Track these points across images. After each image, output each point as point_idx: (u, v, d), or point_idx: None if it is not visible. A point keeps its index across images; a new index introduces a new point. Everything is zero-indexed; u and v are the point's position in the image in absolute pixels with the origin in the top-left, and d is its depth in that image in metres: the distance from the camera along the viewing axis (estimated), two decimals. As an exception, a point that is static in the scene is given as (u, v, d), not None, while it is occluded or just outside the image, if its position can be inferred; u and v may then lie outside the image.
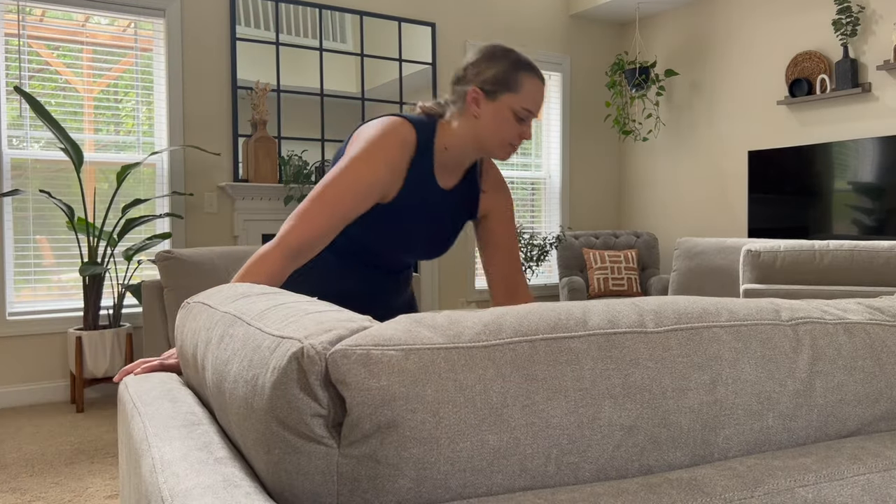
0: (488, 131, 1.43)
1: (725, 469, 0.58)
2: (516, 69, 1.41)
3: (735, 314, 0.67)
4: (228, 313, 0.78)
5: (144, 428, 0.78)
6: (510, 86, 1.40)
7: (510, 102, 1.41)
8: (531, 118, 1.44)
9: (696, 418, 0.60)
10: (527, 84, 1.41)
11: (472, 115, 1.43)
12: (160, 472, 0.63)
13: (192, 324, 0.91)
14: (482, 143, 1.45)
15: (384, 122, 1.44)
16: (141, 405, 0.88)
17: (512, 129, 1.43)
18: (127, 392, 1.00)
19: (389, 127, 1.42)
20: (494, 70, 1.41)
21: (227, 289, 0.95)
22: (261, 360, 0.58)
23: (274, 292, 0.82)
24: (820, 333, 0.69)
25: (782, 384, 0.65)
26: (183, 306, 1.05)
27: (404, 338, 0.54)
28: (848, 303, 0.80)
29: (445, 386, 0.52)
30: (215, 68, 4.23)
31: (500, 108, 1.41)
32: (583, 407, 0.55)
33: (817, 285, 3.18)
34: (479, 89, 1.42)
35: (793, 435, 0.66)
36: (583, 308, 0.62)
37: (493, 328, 0.57)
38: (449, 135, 1.47)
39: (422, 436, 0.51)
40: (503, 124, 1.42)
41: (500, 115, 1.41)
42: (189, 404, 0.85)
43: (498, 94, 1.41)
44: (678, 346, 0.60)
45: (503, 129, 1.42)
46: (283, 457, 0.54)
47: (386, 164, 1.39)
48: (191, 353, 0.89)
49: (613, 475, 0.57)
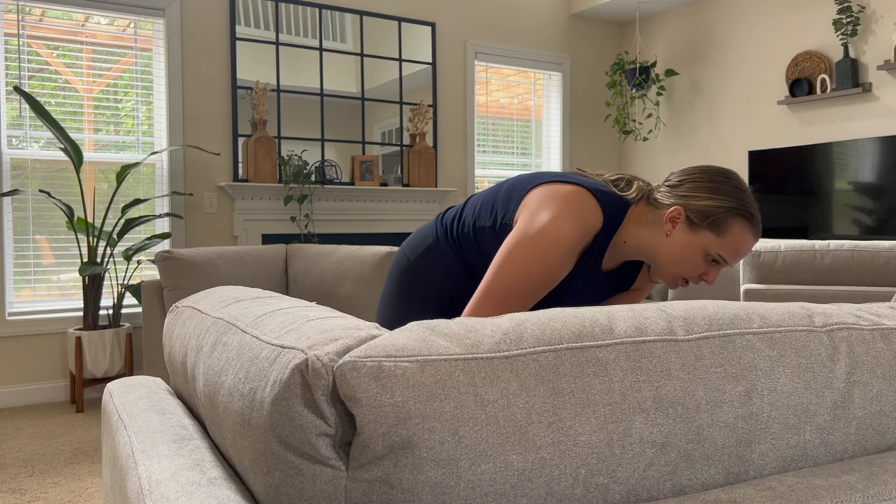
0: (670, 257, 1.28)
1: (765, 489, 0.53)
2: (735, 213, 1.24)
3: (767, 320, 0.62)
4: (221, 319, 0.72)
5: (130, 443, 0.72)
6: (716, 227, 1.24)
7: (708, 243, 1.25)
8: (722, 267, 1.29)
9: (730, 433, 0.55)
10: (736, 233, 1.25)
11: (664, 230, 1.28)
12: (148, 494, 0.57)
13: (181, 329, 0.85)
14: (657, 262, 1.31)
15: (575, 202, 1.25)
16: (127, 417, 0.82)
17: (696, 267, 1.27)
18: (112, 402, 0.93)
19: (579, 213, 1.24)
20: (709, 203, 1.25)
21: (218, 292, 0.88)
22: (259, 372, 0.53)
23: (269, 296, 0.77)
24: (857, 340, 0.65)
25: (819, 395, 0.61)
26: (171, 310, 0.98)
27: (418, 348, 0.50)
28: (880, 307, 0.75)
29: (465, 401, 0.47)
30: (215, 68, 4.19)
31: (695, 242, 1.26)
32: (612, 423, 0.51)
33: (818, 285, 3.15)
34: (684, 211, 1.26)
35: (830, 449, 0.62)
36: (607, 314, 0.58)
37: (513, 336, 0.52)
38: (632, 233, 1.32)
39: (440, 457, 0.46)
40: (690, 259, 1.27)
41: (690, 249, 1.26)
42: (178, 416, 0.80)
43: (699, 229, 1.25)
44: (711, 356, 0.56)
45: (686, 263, 1.27)
46: (284, 479, 0.49)
47: (568, 259, 1.25)
48: (180, 360, 0.83)
49: (645, 496, 0.52)
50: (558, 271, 1.24)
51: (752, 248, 1.28)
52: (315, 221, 4.45)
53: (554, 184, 1.31)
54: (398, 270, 1.53)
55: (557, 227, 1.23)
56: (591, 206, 1.27)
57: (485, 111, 5.26)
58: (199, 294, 0.93)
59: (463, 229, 1.42)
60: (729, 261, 1.27)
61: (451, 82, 5.05)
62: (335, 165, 4.56)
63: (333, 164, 4.56)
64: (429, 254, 1.47)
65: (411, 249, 1.51)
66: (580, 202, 1.26)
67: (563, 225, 1.23)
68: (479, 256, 1.40)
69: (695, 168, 1.32)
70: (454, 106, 5.07)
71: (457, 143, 5.10)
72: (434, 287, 1.45)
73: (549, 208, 1.25)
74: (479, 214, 1.40)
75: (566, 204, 1.25)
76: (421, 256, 1.48)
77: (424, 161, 4.80)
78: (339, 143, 4.57)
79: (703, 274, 1.29)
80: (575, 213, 1.25)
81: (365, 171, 4.59)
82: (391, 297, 1.53)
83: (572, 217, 1.24)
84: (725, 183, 1.27)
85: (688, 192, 1.27)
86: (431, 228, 1.50)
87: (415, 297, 1.48)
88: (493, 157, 5.32)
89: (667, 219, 1.27)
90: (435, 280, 1.45)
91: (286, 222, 4.38)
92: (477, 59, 5.18)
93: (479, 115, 5.23)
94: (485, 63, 5.23)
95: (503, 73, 5.36)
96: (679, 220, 1.27)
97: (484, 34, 5.20)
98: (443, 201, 4.97)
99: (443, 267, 1.44)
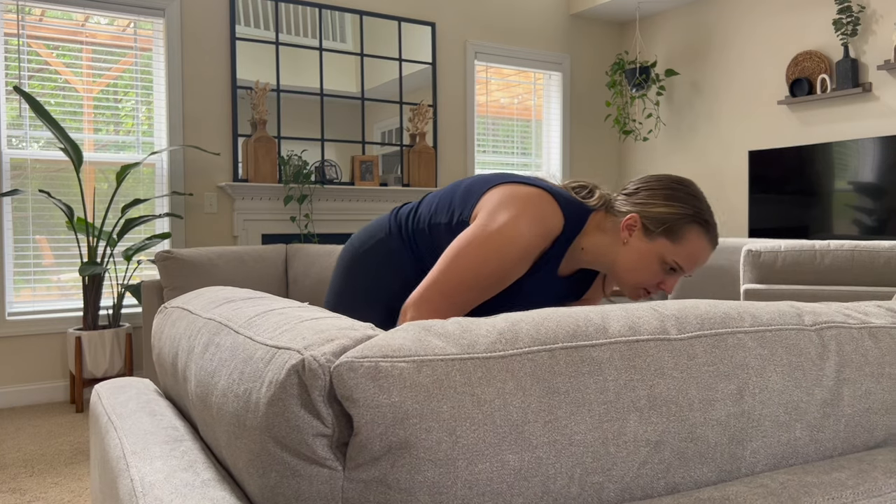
0: (628, 266, 1.27)
1: (757, 486, 0.54)
2: (689, 220, 1.24)
3: (758, 319, 0.63)
4: (212, 320, 0.71)
5: (121, 445, 0.71)
6: (672, 234, 1.24)
7: (664, 250, 1.24)
8: (680, 275, 1.27)
9: (723, 431, 0.56)
10: (691, 239, 1.24)
11: (621, 238, 1.27)
12: (141, 496, 0.57)
13: (171, 330, 0.84)
14: (616, 272, 1.29)
15: (536, 204, 1.24)
16: (116, 419, 0.81)
17: (653, 276, 1.26)
18: (100, 403, 0.92)
19: (540, 215, 1.24)
20: (665, 210, 1.24)
21: (207, 293, 0.87)
22: (254, 373, 0.53)
23: (260, 297, 0.77)
24: (845, 339, 0.66)
25: (810, 393, 0.61)
26: (160, 311, 0.96)
27: (414, 348, 0.50)
28: (867, 305, 0.76)
29: (462, 401, 0.48)
30: (215, 68, 4.20)
31: (651, 250, 1.25)
32: (607, 422, 0.52)
33: (818, 285, 3.16)
34: (640, 219, 1.26)
35: (820, 447, 0.63)
36: (601, 313, 0.59)
37: (508, 336, 0.53)
38: (591, 240, 1.31)
39: (437, 457, 0.46)
40: (647, 267, 1.26)
41: (647, 257, 1.25)
42: (169, 418, 0.79)
43: (655, 236, 1.25)
44: (703, 354, 0.57)
45: (644, 272, 1.26)
46: (280, 480, 0.49)
47: (525, 260, 1.24)
48: (170, 361, 0.82)
49: (639, 495, 0.53)
50: (512, 271, 1.24)
51: (709, 255, 1.27)
52: (315, 221, 4.45)
53: (515, 184, 1.30)
54: (346, 263, 1.50)
55: (516, 226, 1.22)
56: (552, 209, 1.26)
57: (485, 111, 5.26)
58: (189, 295, 0.92)
59: (418, 224, 1.40)
60: (686, 268, 1.26)
61: (451, 82, 5.06)
62: (335, 165, 4.57)
63: (333, 164, 4.57)
64: (379, 247, 1.44)
65: (361, 242, 1.49)
66: (541, 205, 1.26)
67: (521, 225, 1.23)
68: (431, 252, 1.39)
69: (650, 176, 1.32)
70: (454, 106, 5.08)
71: (457, 143, 5.10)
72: (381, 280, 1.43)
73: (509, 208, 1.24)
74: (436, 210, 1.39)
75: (527, 205, 1.25)
76: (370, 249, 1.46)
77: (424, 161, 4.80)
78: (338, 143, 4.58)
79: (660, 283, 1.28)
80: (535, 215, 1.24)
81: (365, 171, 4.59)
82: (337, 289, 1.50)
83: (532, 219, 1.24)
84: (680, 190, 1.26)
85: (644, 200, 1.27)
86: (385, 222, 1.48)
87: (359, 290, 1.45)
88: (493, 157, 5.32)
89: (623, 226, 1.27)
90: (383, 272, 1.43)
91: (286, 222, 4.38)
92: (477, 59, 5.18)
93: (479, 115, 5.23)
94: (485, 63, 5.24)
95: (503, 73, 5.37)
96: (635, 228, 1.26)
97: (484, 34, 5.20)
98: (442, 201, 4.98)
99: (392, 261, 1.42)
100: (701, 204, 1.26)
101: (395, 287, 1.42)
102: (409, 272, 1.41)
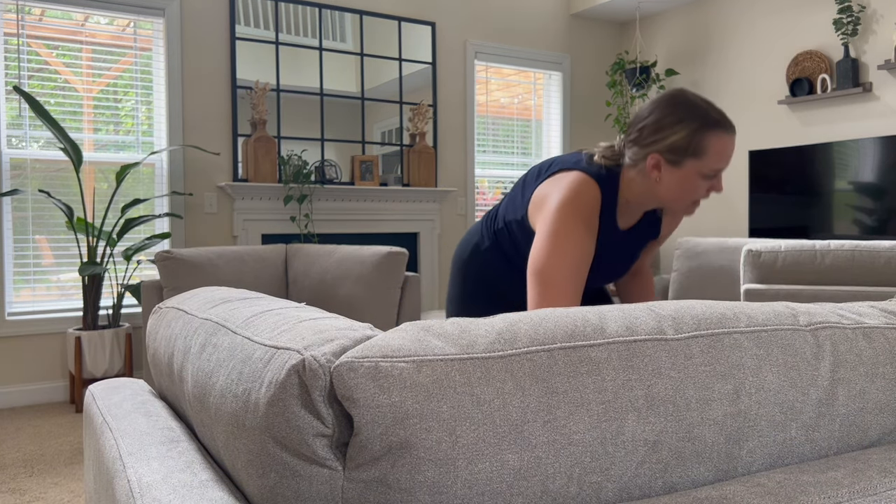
0: (673, 195, 1.34)
1: (754, 486, 0.54)
2: (701, 131, 1.28)
3: (754, 319, 0.64)
4: (209, 320, 0.71)
5: (117, 446, 0.71)
6: (694, 152, 1.29)
7: (695, 168, 1.30)
8: (721, 172, 1.34)
9: (720, 431, 0.57)
10: (714, 144, 1.29)
11: (653, 179, 1.34)
12: (139, 496, 0.57)
13: (166, 331, 0.83)
14: (665, 205, 1.38)
15: (573, 187, 1.35)
16: (112, 420, 0.80)
17: (698, 189, 1.33)
18: (95, 404, 0.91)
19: (582, 195, 1.34)
20: (676, 136, 1.29)
21: (202, 293, 0.87)
22: (253, 373, 0.53)
23: (257, 297, 0.76)
24: (840, 339, 0.66)
25: (805, 393, 0.62)
26: (154, 311, 0.96)
27: (414, 348, 0.50)
28: (861, 306, 0.77)
29: (462, 401, 0.48)
30: (215, 68, 4.20)
31: (684, 174, 1.31)
32: (606, 421, 0.52)
33: (818, 285, 3.16)
34: (660, 156, 1.31)
35: (815, 446, 0.63)
36: (598, 313, 0.59)
37: (507, 336, 0.53)
38: (630, 191, 1.40)
39: (437, 457, 0.46)
40: (689, 189, 1.33)
41: (684, 182, 1.32)
42: (165, 418, 0.79)
43: (682, 162, 1.30)
44: (700, 354, 0.57)
45: (689, 193, 1.33)
46: (280, 480, 0.49)
47: (589, 234, 1.33)
48: (165, 362, 0.81)
49: (637, 494, 0.53)
50: (590, 243, 1.33)
51: (734, 144, 1.33)
52: (315, 221, 4.46)
53: (554, 175, 1.43)
54: (455, 271, 1.69)
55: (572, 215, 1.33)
56: (587, 184, 1.36)
57: (485, 111, 5.26)
58: (184, 295, 0.91)
59: (498, 224, 1.59)
60: (722, 167, 1.33)
61: (451, 82, 5.06)
62: (335, 165, 4.57)
63: (333, 164, 4.57)
64: (475, 252, 1.63)
65: (462, 250, 1.69)
66: (580, 188, 1.35)
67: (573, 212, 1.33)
68: (514, 249, 1.55)
69: (642, 112, 1.37)
70: (454, 106, 5.08)
71: (457, 142, 5.11)
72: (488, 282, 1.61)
73: (560, 199, 1.35)
74: (509, 209, 1.54)
75: (571, 192, 1.35)
76: (469, 257, 1.65)
77: (424, 161, 4.81)
78: (338, 143, 4.58)
79: (709, 189, 1.35)
80: (581, 197, 1.34)
81: (365, 171, 4.60)
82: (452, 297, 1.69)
83: (579, 201, 1.34)
84: (676, 109, 1.31)
85: (652, 138, 1.32)
86: (478, 228, 1.67)
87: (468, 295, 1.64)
88: (493, 157, 5.32)
89: (649, 170, 1.34)
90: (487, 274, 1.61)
91: (286, 222, 4.39)
92: (477, 59, 5.19)
93: (479, 115, 5.24)
94: (485, 63, 5.24)
95: (503, 73, 5.37)
96: (661, 163, 1.32)
97: (484, 34, 5.20)
98: (443, 201, 4.98)
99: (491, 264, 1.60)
100: (700, 109, 1.31)
101: (501, 287, 1.60)
102: (505, 270, 1.58)
